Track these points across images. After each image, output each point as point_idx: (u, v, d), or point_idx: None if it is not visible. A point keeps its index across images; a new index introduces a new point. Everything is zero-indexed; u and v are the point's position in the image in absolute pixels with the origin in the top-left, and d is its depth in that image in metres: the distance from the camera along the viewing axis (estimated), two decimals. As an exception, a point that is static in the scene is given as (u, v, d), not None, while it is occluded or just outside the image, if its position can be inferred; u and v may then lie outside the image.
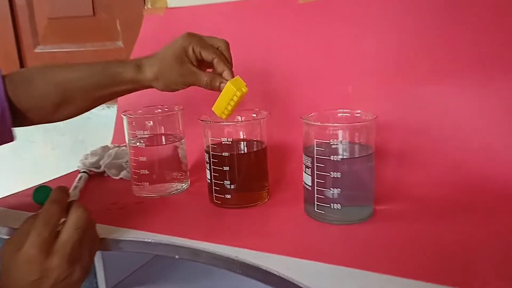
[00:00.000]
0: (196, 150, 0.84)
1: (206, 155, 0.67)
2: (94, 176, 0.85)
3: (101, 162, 0.84)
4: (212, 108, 0.63)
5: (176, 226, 0.61)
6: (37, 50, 1.33)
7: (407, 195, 0.67)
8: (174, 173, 0.74)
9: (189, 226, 0.61)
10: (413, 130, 0.72)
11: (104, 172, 0.84)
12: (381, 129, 0.69)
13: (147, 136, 0.72)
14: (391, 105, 0.74)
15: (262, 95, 0.84)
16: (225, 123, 0.65)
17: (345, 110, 0.64)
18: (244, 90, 0.61)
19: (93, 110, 0.69)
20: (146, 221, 0.63)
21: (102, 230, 0.59)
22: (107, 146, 0.88)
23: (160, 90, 0.66)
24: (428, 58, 0.73)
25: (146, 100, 0.91)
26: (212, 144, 0.66)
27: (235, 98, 0.61)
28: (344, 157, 0.58)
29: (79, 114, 0.69)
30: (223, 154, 0.64)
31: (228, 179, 0.65)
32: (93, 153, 0.86)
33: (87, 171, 0.84)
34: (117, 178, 0.83)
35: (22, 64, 1.36)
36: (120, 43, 1.20)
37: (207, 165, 0.67)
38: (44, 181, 0.82)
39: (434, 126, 0.70)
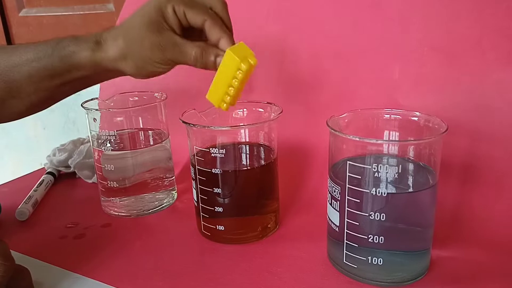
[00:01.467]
0: (187, 149, 0.64)
1: (192, 169, 0.48)
2: (64, 177, 0.68)
3: (70, 161, 0.66)
4: (206, 96, 0.42)
5: (144, 272, 0.42)
6: (21, 14, 1.15)
7: (480, 234, 0.46)
8: (155, 183, 0.56)
9: (165, 275, 0.43)
10: (485, 135, 0.50)
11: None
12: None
13: (116, 135, 0.53)
14: (453, 99, 0.51)
15: (275, 84, 0.63)
16: (217, 128, 0.45)
17: (394, 110, 0.43)
18: (252, 61, 0.39)
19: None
20: (104, 263, 0.44)
21: (40, 272, 0.42)
22: (79, 139, 0.70)
23: (132, 75, 0.46)
24: (502, 35, 0.49)
25: (133, 81, 0.71)
26: (198, 156, 0.46)
27: (240, 75, 0.39)
28: (394, 190, 0.37)
29: (32, 112, 0.50)
30: (213, 171, 0.45)
31: (220, 204, 0.45)
32: (61, 149, 0.68)
33: (55, 171, 0.67)
34: (90, 181, 0.65)
35: (6, 31, 1.18)
36: (111, 6, 1.00)
37: (193, 183, 0.48)
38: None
39: (510, 130, 0.48)
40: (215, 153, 0.44)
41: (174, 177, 0.59)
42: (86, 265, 0.44)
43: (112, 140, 0.53)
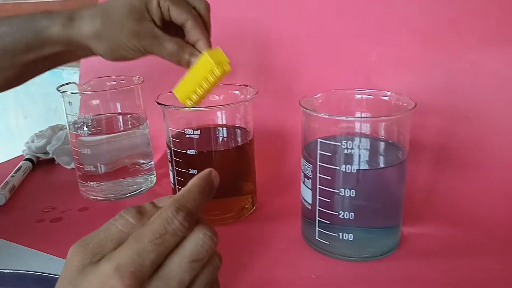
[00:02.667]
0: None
1: (168, 151, 0.48)
2: (43, 164, 0.67)
3: (48, 147, 0.65)
4: (173, 90, 0.43)
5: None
6: (0, 1, 1.12)
7: (450, 211, 0.47)
8: (133, 168, 0.56)
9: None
10: (455, 117, 0.50)
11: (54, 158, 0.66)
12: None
13: (92, 120, 0.53)
14: (425, 82, 0.52)
15: (254, 68, 0.63)
16: (192, 109, 0.45)
17: (366, 90, 0.43)
18: (226, 68, 0.40)
19: (64, 74, 0.49)
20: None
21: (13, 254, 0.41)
22: (57, 125, 0.69)
23: (101, 55, 0.45)
24: (478, 17, 0.50)
25: (113, 67, 0.71)
26: (174, 137, 0.46)
27: (212, 79, 0.40)
28: (363, 167, 0.38)
29: (8, 87, 0.49)
30: (188, 152, 0.45)
31: (196, 186, 0.46)
32: (39, 135, 0.67)
33: (33, 158, 0.66)
34: (69, 167, 0.64)
35: (-15, 18, 1.16)
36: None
37: (169, 165, 0.48)
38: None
39: (485, 110, 0.49)
40: (190, 134, 0.44)
41: (153, 162, 0.58)
42: (59, 247, 0.44)
43: (88, 124, 0.53)
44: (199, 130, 0.44)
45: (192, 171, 0.45)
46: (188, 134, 0.45)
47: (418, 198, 0.49)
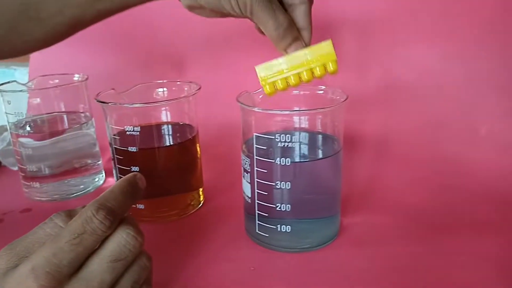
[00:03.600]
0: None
1: (110, 149, 0.47)
2: (-12, 166, 0.65)
3: (-8, 149, 0.63)
4: (256, 67, 0.37)
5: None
6: None
7: (387, 202, 0.49)
8: (79, 168, 0.55)
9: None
10: (393, 109, 0.52)
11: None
12: (348, 108, 0.48)
13: (34, 119, 0.51)
14: (362, 75, 0.54)
15: (205, 62, 0.63)
16: (132, 105, 0.45)
17: (303, 86, 0.44)
18: (334, 66, 0.35)
19: (17, 74, 0.46)
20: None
21: None
22: (3, 126, 0.67)
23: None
24: (412, 9, 0.52)
25: (64, 64, 0.70)
26: (115, 135, 0.46)
27: (319, 72, 0.35)
28: (298, 159, 0.39)
29: (52, 42, 0.42)
30: (129, 149, 0.44)
31: (139, 183, 0.45)
32: (-17, 136, 0.65)
33: (-23, 160, 0.64)
34: (15, 169, 0.62)
35: None
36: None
37: (112, 163, 0.47)
38: None
39: (423, 103, 0.51)
40: (130, 131, 0.44)
41: (100, 161, 0.58)
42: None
43: (30, 124, 0.52)
44: (139, 127, 0.44)
45: (134, 169, 0.45)
46: (128, 131, 0.44)
47: (360, 189, 0.50)
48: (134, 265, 0.28)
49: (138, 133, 0.44)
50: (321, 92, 0.43)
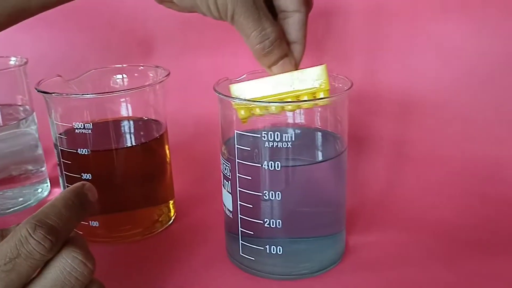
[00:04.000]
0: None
1: (55, 152, 0.47)
2: None
3: None
4: (231, 86, 0.39)
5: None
6: None
7: (405, 215, 0.50)
8: (17, 175, 0.55)
9: None
10: (412, 102, 0.53)
11: None
12: (355, 101, 0.49)
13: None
14: (374, 63, 0.54)
15: (174, 45, 0.63)
16: (84, 96, 0.45)
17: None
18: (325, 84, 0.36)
19: None
20: None
21: None
22: None
23: None
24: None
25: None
26: (61, 134, 0.46)
27: (303, 105, 0.37)
28: (291, 163, 0.39)
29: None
30: (79, 151, 0.45)
31: (92, 194, 0.46)
32: None
33: None
34: None
35: None
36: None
37: (58, 169, 0.48)
38: None
39: (448, 94, 0.52)
40: (80, 128, 0.44)
41: (44, 167, 0.58)
42: None
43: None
44: (91, 124, 0.44)
45: (85, 176, 0.45)
46: (78, 129, 0.44)
47: (369, 199, 0.51)
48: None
49: (90, 131, 0.44)
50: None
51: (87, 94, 0.44)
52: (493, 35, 0.52)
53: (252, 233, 0.41)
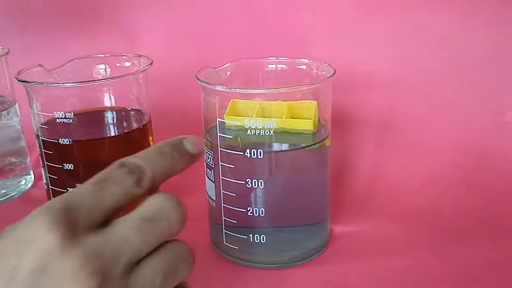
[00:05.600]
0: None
1: (37, 142, 0.48)
2: None
3: None
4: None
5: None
6: None
7: (391, 203, 0.51)
8: (2, 168, 0.56)
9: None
10: (401, 88, 0.54)
11: None
12: (339, 89, 0.50)
13: None
14: (362, 45, 0.56)
15: (163, 37, 0.64)
16: (66, 85, 0.46)
17: (281, 59, 0.46)
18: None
19: None
20: None
21: None
22: None
23: None
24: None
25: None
26: (43, 124, 0.47)
27: None
28: (274, 149, 0.40)
29: None
30: (60, 141, 0.46)
31: (74, 185, 0.47)
32: None
33: None
34: None
35: None
36: None
37: (40, 160, 0.49)
38: None
39: (439, 81, 0.53)
40: (62, 118, 0.45)
41: (28, 159, 0.59)
42: None
43: None
44: (72, 114, 0.45)
45: (67, 166, 0.46)
46: (59, 118, 0.46)
47: (354, 187, 0.53)
48: (169, 249, 0.27)
49: (71, 120, 0.45)
50: (304, 67, 0.45)
51: (68, 83, 0.45)
52: (482, 23, 0.54)
53: (236, 222, 0.42)
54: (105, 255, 0.23)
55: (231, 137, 0.40)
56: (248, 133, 0.40)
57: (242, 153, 0.40)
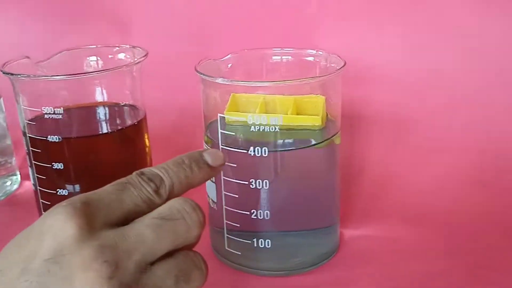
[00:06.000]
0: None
1: (24, 140, 0.46)
2: None
3: None
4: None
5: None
6: None
7: (404, 206, 0.49)
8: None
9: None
10: (415, 81, 0.53)
11: None
12: (348, 83, 0.49)
13: None
14: (374, 37, 0.53)
15: (151, 23, 0.62)
16: (54, 78, 0.44)
17: (286, 50, 0.44)
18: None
19: None
20: None
21: None
22: None
23: None
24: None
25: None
26: (30, 120, 0.45)
27: None
28: (279, 148, 0.38)
29: None
30: (49, 138, 0.43)
31: (63, 185, 0.45)
32: None
33: None
34: None
35: None
36: None
37: (27, 159, 0.47)
38: None
39: (456, 73, 0.51)
40: (50, 113, 0.43)
41: (14, 160, 0.57)
42: None
43: None
44: (62, 109, 0.43)
45: (56, 166, 0.44)
46: (48, 114, 0.43)
47: (365, 188, 0.51)
48: (185, 255, 0.28)
49: (61, 116, 0.43)
50: (311, 58, 0.43)
51: (57, 76, 0.43)
52: (500, 12, 0.52)
53: (238, 225, 0.40)
54: (119, 248, 0.24)
55: (233, 133, 0.38)
56: (251, 129, 0.37)
57: (246, 151, 0.38)
